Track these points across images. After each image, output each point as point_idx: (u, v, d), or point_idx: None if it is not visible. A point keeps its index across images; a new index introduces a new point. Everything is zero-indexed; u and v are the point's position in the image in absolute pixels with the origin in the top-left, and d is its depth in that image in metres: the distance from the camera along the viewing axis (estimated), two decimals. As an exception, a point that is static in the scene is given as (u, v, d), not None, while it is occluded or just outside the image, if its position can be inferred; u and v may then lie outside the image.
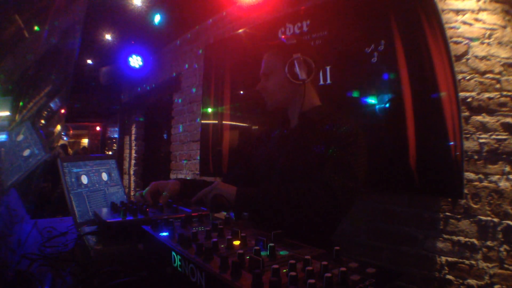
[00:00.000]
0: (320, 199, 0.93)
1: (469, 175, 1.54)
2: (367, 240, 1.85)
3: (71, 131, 10.50)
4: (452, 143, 1.53)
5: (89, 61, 4.55)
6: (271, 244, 0.60)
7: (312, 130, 1.10)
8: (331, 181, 0.94)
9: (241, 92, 2.75)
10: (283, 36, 1.41)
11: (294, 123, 1.19)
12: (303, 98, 1.14)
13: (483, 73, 1.56)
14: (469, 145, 1.55)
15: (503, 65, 1.52)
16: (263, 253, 0.59)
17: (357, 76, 1.89)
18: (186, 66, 3.64)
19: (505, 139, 1.48)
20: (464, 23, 1.62)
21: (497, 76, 1.53)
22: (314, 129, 1.09)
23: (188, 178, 3.51)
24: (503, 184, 1.47)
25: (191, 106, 3.50)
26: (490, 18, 1.56)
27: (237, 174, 1.32)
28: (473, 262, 1.51)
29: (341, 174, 0.96)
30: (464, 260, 1.53)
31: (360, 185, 0.99)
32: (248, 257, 0.55)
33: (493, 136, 1.51)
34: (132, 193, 5.10)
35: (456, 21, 1.63)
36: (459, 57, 1.61)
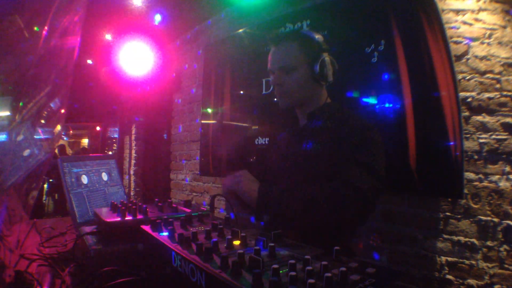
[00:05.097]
0: (349, 200, 0.89)
1: (469, 175, 1.54)
2: (367, 240, 1.85)
3: (71, 131, 10.49)
4: (452, 143, 1.53)
5: (89, 61, 4.55)
6: (271, 244, 0.60)
7: (323, 128, 1.06)
8: (358, 181, 0.90)
9: (241, 92, 2.74)
10: (306, 30, 1.33)
11: (304, 121, 1.15)
12: (318, 98, 1.12)
13: (483, 73, 1.56)
14: (469, 145, 1.55)
15: (503, 65, 1.52)
16: (263, 253, 0.59)
17: (357, 76, 1.88)
18: (186, 66, 3.64)
19: (505, 139, 1.48)
20: (464, 23, 1.62)
21: (497, 76, 1.53)
22: (325, 127, 1.06)
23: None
24: (503, 184, 1.47)
25: (191, 106, 3.50)
26: (490, 18, 1.56)
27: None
28: (473, 262, 1.50)
29: (366, 175, 0.92)
30: (464, 260, 1.53)
31: (384, 185, 0.96)
32: (248, 257, 0.55)
33: (493, 136, 1.51)
34: (132, 193, 5.10)
35: (456, 21, 1.63)
36: (459, 57, 1.61)
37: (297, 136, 1.15)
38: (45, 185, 5.36)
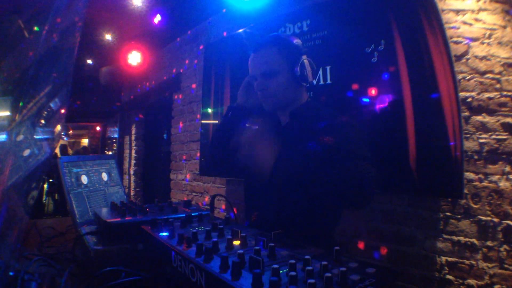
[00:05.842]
0: (354, 191, 0.93)
1: (469, 175, 1.54)
2: (367, 240, 1.85)
3: (71, 131, 10.49)
4: (452, 143, 1.53)
5: (89, 61, 4.55)
6: (271, 244, 0.60)
7: (306, 126, 1.10)
8: (358, 173, 0.93)
9: (241, 92, 2.74)
10: (283, 35, 1.39)
11: (285, 120, 1.18)
12: (300, 98, 1.16)
13: (483, 73, 1.56)
14: (469, 145, 1.55)
15: (503, 65, 1.52)
16: (263, 253, 0.59)
17: (357, 76, 1.88)
18: (186, 66, 3.63)
19: (505, 139, 1.48)
20: (464, 23, 1.62)
21: (497, 76, 1.53)
22: (309, 124, 1.09)
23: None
24: (503, 184, 1.47)
25: (191, 106, 3.50)
26: (490, 18, 1.56)
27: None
28: (473, 262, 1.50)
29: (361, 165, 0.95)
30: (464, 260, 1.53)
31: (375, 176, 0.99)
32: (248, 257, 0.55)
33: (493, 136, 1.51)
34: (132, 193, 5.10)
35: (456, 21, 1.63)
36: (459, 57, 1.61)
37: (280, 135, 1.17)
38: (45, 185, 5.36)
